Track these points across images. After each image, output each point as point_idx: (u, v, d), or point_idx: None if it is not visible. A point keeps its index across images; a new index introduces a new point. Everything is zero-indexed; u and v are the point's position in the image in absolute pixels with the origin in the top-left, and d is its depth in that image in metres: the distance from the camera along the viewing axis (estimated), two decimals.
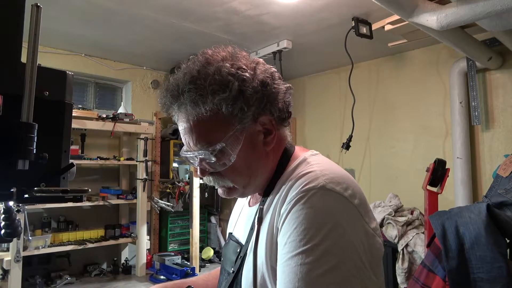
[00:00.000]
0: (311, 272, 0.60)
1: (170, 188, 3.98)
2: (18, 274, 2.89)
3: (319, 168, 0.73)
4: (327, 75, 4.18)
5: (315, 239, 0.62)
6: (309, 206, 0.65)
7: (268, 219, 0.75)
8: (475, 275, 1.55)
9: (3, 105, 0.64)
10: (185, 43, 3.36)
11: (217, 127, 0.74)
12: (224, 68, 0.73)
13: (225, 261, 0.89)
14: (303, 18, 2.79)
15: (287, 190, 0.72)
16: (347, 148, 3.19)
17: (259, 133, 0.77)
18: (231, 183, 0.79)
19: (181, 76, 0.77)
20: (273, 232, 0.71)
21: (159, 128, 4.18)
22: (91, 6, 2.60)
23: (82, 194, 0.70)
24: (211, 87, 0.72)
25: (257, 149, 0.78)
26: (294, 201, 0.67)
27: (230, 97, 0.71)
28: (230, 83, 0.71)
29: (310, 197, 0.66)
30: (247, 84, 0.73)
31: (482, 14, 1.87)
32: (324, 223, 0.64)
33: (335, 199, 0.67)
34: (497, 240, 1.54)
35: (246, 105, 0.73)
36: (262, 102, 0.75)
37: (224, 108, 0.72)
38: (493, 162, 2.91)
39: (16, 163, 0.62)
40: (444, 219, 1.71)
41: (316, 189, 0.67)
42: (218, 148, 0.74)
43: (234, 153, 0.75)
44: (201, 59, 0.78)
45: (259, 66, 0.78)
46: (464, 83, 2.97)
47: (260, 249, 0.74)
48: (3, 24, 0.65)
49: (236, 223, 0.96)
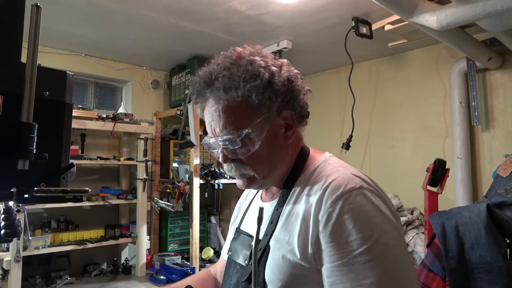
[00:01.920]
0: (384, 263, 0.67)
1: (170, 188, 3.98)
2: (18, 274, 2.89)
3: (347, 170, 0.80)
4: (327, 75, 4.18)
5: (375, 235, 0.68)
6: (357, 205, 0.71)
7: (299, 214, 0.77)
8: (475, 275, 1.55)
9: (3, 105, 0.64)
10: (185, 43, 3.36)
11: (246, 113, 0.79)
12: (256, 61, 0.80)
13: (235, 255, 0.90)
14: (303, 18, 2.79)
15: (322, 188, 0.75)
16: (347, 148, 3.19)
17: (281, 127, 0.83)
18: (251, 172, 0.82)
19: (214, 66, 0.82)
20: (308, 226, 0.74)
21: (159, 128, 4.18)
22: (91, 6, 2.60)
23: (82, 194, 0.70)
24: (243, 75, 0.77)
25: (278, 141, 0.83)
26: (341, 202, 0.71)
27: (261, 85, 0.77)
28: (261, 73, 0.78)
29: (355, 197, 0.71)
30: (276, 77, 0.79)
31: (482, 14, 1.87)
32: (376, 218, 0.70)
33: (375, 198, 0.74)
34: (497, 240, 1.54)
35: (274, 95, 0.79)
36: (287, 96, 0.81)
37: (254, 96, 0.78)
38: (493, 162, 2.91)
39: (16, 163, 0.62)
40: (444, 219, 1.71)
41: (357, 188, 0.73)
42: (244, 133, 0.78)
43: (259, 140, 0.79)
44: (233, 53, 0.83)
45: (284, 66, 0.85)
46: (464, 83, 2.97)
47: (281, 245, 0.77)
48: (3, 24, 0.65)
49: (244, 218, 0.98)
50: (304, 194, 0.80)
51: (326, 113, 4.15)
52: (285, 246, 0.76)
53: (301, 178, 0.84)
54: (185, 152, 4.12)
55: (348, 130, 3.30)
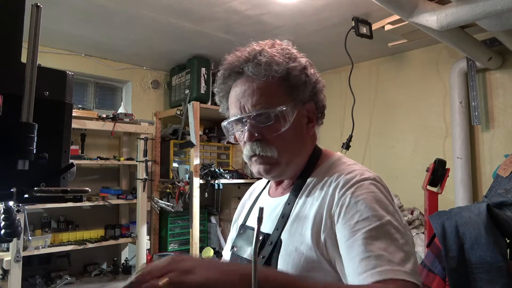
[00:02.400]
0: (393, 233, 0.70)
1: (170, 188, 3.98)
2: (18, 274, 2.88)
3: (361, 167, 0.84)
4: (327, 75, 4.18)
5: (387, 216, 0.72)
6: (371, 190, 0.75)
7: (313, 205, 0.79)
8: (475, 275, 1.55)
9: (3, 105, 0.64)
10: (185, 43, 3.36)
11: (281, 92, 0.83)
12: (290, 48, 0.86)
13: (241, 250, 0.92)
14: (303, 18, 2.79)
15: (337, 181, 0.79)
16: (347, 148, 3.19)
17: (304, 117, 0.88)
18: (276, 153, 0.83)
19: (253, 47, 0.87)
20: (322, 215, 0.76)
21: (159, 128, 4.18)
22: (91, 6, 2.60)
23: (82, 194, 0.70)
24: (283, 56, 0.83)
25: (302, 129, 0.87)
26: (355, 188, 0.75)
27: (299, 68, 0.83)
28: (298, 58, 0.84)
29: (368, 185, 0.76)
30: (309, 66, 0.86)
31: (482, 14, 1.87)
32: (386, 203, 0.75)
33: (385, 189, 0.79)
34: (497, 240, 1.54)
35: (308, 81, 0.84)
36: (314, 88, 0.87)
37: (292, 77, 0.82)
38: (493, 162, 2.91)
39: (16, 163, 0.62)
40: (444, 219, 1.71)
41: (371, 179, 0.78)
42: (279, 110, 0.81)
43: (290, 121, 0.82)
44: (267, 42, 0.89)
45: (311, 62, 0.90)
46: (464, 83, 2.97)
47: (293, 239, 0.78)
48: (3, 24, 0.65)
49: (250, 215, 1.00)
50: (318, 188, 0.82)
51: (326, 113, 4.06)
52: (298, 238, 0.77)
53: (315, 174, 0.86)
54: (185, 152, 4.12)
55: (348, 130, 3.30)
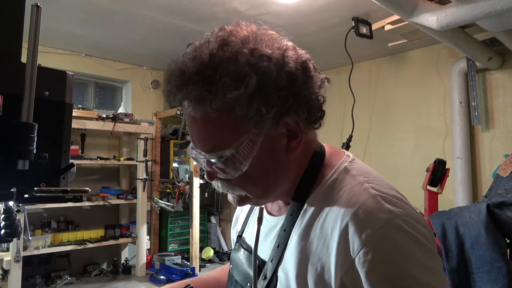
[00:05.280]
0: None
1: (170, 188, 3.98)
2: (18, 274, 2.89)
3: (373, 188, 0.62)
4: (327, 75, 4.13)
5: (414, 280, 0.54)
6: (397, 247, 0.56)
7: (312, 249, 0.62)
8: (475, 275, 1.55)
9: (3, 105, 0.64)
10: (185, 43, 3.27)
11: (227, 130, 0.60)
12: (242, 55, 0.57)
13: (236, 271, 0.78)
14: (303, 18, 2.79)
15: (344, 223, 0.58)
16: (347, 148, 3.18)
17: (281, 137, 0.63)
18: (243, 192, 0.66)
19: (190, 59, 0.61)
20: (329, 271, 0.59)
21: (159, 128, 4.18)
22: (91, 6, 2.60)
23: (82, 194, 0.70)
24: (222, 80, 0.56)
25: (278, 156, 0.64)
26: (374, 245, 0.55)
27: (245, 95, 0.56)
28: (247, 77, 0.56)
29: (393, 234, 0.56)
30: (269, 79, 0.57)
31: (482, 14, 1.87)
32: (421, 261, 0.56)
33: (409, 226, 0.57)
34: (497, 240, 1.54)
35: (266, 105, 0.57)
36: (287, 102, 0.59)
37: (237, 109, 0.57)
38: (493, 162, 2.91)
39: (16, 163, 0.62)
40: (444, 219, 1.71)
41: (388, 223, 0.56)
42: (226, 154, 0.60)
43: (247, 161, 0.61)
44: (217, 38, 0.61)
45: (288, 53, 0.61)
46: (464, 83, 2.97)
47: (299, 275, 0.62)
48: (3, 24, 0.65)
49: (247, 225, 0.84)
50: (319, 221, 0.62)
51: (326, 113, 4.10)
52: (296, 281, 0.62)
53: (315, 194, 0.66)
54: (185, 152, 4.12)
55: (348, 130, 3.30)
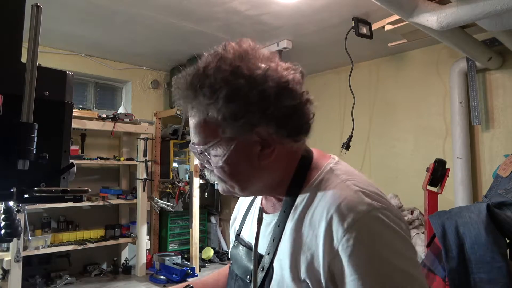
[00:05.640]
0: None
1: (170, 188, 3.98)
2: (18, 274, 2.89)
3: (355, 185, 0.71)
4: (327, 75, 4.18)
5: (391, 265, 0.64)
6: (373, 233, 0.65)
7: (303, 239, 0.70)
8: (475, 275, 1.55)
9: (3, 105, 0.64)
10: (185, 43, 3.36)
11: (205, 130, 0.72)
12: (223, 72, 0.68)
13: (236, 266, 0.85)
14: (303, 18, 2.79)
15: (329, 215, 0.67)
16: (347, 148, 3.19)
17: (255, 144, 0.71)
18: (220, 182, 0.77)
19: (194, 66, 0.73)
20: (317, 257, 0.67)
21: (159, 128, 4.18)
22: (91, 6, 2.60)
23: (82, 194, 0.70)
24: (202, 89, 0.68)
25: (250, 160, 0.73)
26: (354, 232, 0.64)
27: (216, 104, 0.67)
28: (220, 89, 0.67)
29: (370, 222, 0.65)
30: (240, 94, 0.67)
31: (482, 14, 1.87)
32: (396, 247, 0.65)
33: (387, 217, 0.66)
34: (497, 240, 1.54)
35: (233, 115, 0.67)
36: (254, 116, 0.68)
37: (210, 114, 0.69)
38: (493, 162, 2.91)
39: (16, 163, 0.62)
40: (444, 219, 1.71)
41: (368, 213, 0.65)
42: (202, 150, 0.73)
43: (220, 158, 0.72)
44: (216, 53, 0.73)
45: (268, 73, 0.69)
46: (464, 83, 2.97)
47: (286, 269, 0.71)
48: (3, 24, 0.65)
49: (244, 224, 0.91)
50: (308, 215, 0.71)
51: (326, 113, 4.14)
52: (290, 271, 0.70)
53: (304, 192, 0.75)
54: (185, 152, 4.12)
55: (348, 130, 3.30)
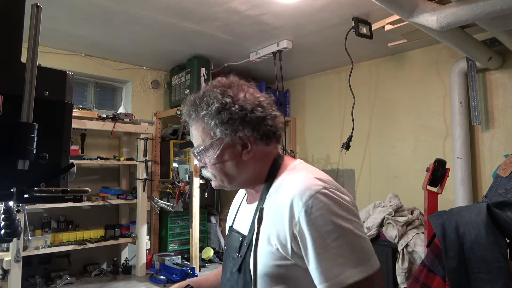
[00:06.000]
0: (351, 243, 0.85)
1: (170, 188, 3.98)
2: (18, 274, 2.89)
3: (311, 173, 0.95)
4: (327, 75, 4.18)
5: (341, 225, 0.85)
6: (324, 204, 0.86)
7: (274, 216, 0.93)
8: (475, 275, 1.55)
9: (3, 105, 0.64)
10: (185, 43, 3.36)
11: (201, 134, 1.00)
12: (214, 93, 0.98)
13: (229, 249, 1.07)
14: (303, 18, 2.79)
15: (291, 194, 0.89)
16: (347, 148, 3.19)
17: (237, 144, 0.99)
18: (213, 177, 1.03)
19: (198, 92, 1.03)
20: (284, 228, 0.88)
21: (159, 128, 4.18)
22: (91, 6, 2.60)
23: (82, 194, 0.70)
24: (201, 105, 0.98)
25: (236, 156, 1.00)
26: (310, 204, 0.86)
27: (209, 114, 0.97)
28: (213, 105, 0.96)
29: (320, 197, 0.87)
30: (226, 108, 0.96)
31: (482, 14, 1.87)
32: (339, 213, 0.86)
33: (335, 194, 0.89)
34: (497, 240, 1.54)
35: (221, 123, 0.96)
36: (234, 123, 0.96)
37: (206, 122, 0.98)
38: (493, 162, 2.91)
39: (16, 163, 0.62)
40: (444, 219, 1.71)
41: (320, 191, 0.88)
42: (199, 149, 1.00)
43: (212, 155, 0.99)
44: (212, 83, 1.03)
45: (247, 96, 0.99)
46: (464, 83, 2.97)
47: (262, 240, 0.93)
48: (3, 24, 0.65)
49: (235, 218, 1.15)
50: (278, 198, 0.95)
51: (326, 113, 4.15)
52: (265, 241, 0.92)
53: (275, 185, 0.99)
54: (185, 152, 4.12)
55: (348, 130, 3.30)
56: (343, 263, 0.83)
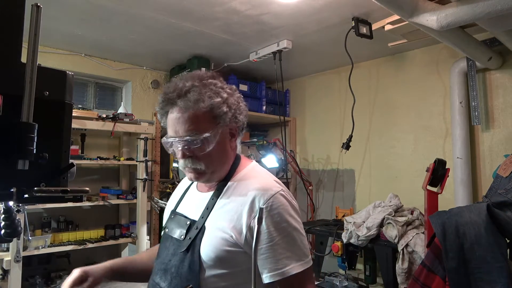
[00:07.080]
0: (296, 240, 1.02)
1: (170, 188, 3.98)
2: (18, 274, 2.88)
3: (270, 176, 1.12)
4: (327, 75, 4.18)
5: (293, 223, 1.03)
6: (281, 203, 1.02)
7: (232, 206, 1.05)
8: (475, 275, 1.55)
9: (3, 105, 0.64)
10: (185, 43, 3.36)
11: (207, 121, 1.04)
12: (217, 84, 1.09)
13: (171, 231, 1.15)
14: (303, 18, 2.79)
15: (254, 190, 1.03)
16: (347, 148, 3.19)
17: (227, 134, 1.10)
18: (203, 167, 1.07)
19: (183, 82, 1.07)
20: (242, 217, 1.01)
21: (159, 128, 4.18)
22: (91, 6, 2.60)
23: (82, 194, 0.70)
24: (208, 93, 1.04)
25: (226, 145, 1.11)
26: (271, 202, 1.01)
27: (220, 102, 1.05)
28: (221, 93, 1.07)
29: (278, 198, 1.03)
30: (230, 98, 1.08)
31: (482, 14, 1.87)
32: (293, 212, 1.04)
33: (290, 198, 1.06)
34: (497, 240, 1.54)
35: (229, 109, 1.06)
36: (235, 112, 1.09)
37: (215, 109, 1.04)
38: (493, 162, 2.91)
39: (16, 163, 0.62)
40: (444, 219, 1.72)
41: (279, 193, 1.04)
42: (205, 136, 1.03)
43: (214, 142, 1.04)
44: (196, 75, 1.10)
45: (234, 90, 1.13)
46: (464, 83, 2.97)
47: (216, 226, 1.04)
48: (3, 24, 0.65)
49: (180, 203, 1.24)
50: (237, 191, 1.07)
51: (326, 113, 4.15)
52: (219, 227, 1.03)
53: (235, 178, 1.11)
54: None
55: (348, 130, 3.30)
56: (289, 256, 0.98)
